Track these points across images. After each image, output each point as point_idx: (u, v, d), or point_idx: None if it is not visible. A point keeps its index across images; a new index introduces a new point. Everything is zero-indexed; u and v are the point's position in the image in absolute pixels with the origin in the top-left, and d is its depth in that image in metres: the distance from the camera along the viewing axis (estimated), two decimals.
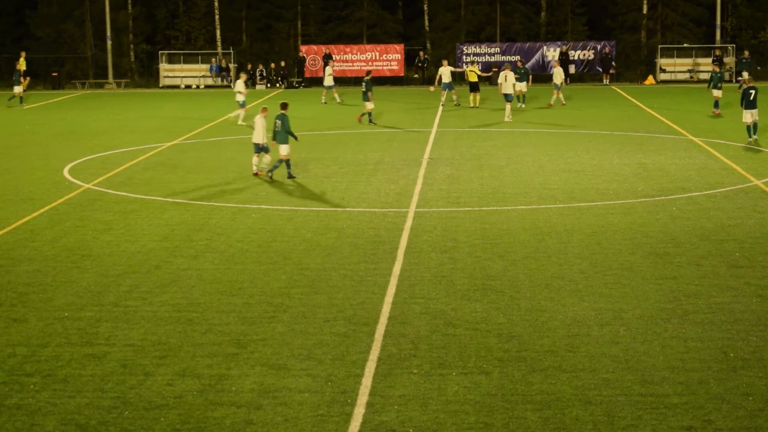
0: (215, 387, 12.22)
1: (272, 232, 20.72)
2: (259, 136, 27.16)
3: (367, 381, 12.32)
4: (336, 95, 49.43)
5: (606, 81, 61.01)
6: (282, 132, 26.76)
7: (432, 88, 48.47)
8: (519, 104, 45.51)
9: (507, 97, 41.29)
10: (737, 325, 14.34)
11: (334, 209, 23.01)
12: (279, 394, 11.97)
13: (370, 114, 40.33)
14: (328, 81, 49.52)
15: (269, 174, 27.00)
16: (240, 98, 40.33)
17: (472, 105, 46.27)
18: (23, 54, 55.11)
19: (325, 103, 49.27)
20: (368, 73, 42.72)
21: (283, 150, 26.79)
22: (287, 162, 27.02)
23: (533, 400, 11.71)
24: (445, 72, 46.50)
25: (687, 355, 13.14)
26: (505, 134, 36.87)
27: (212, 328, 14.46)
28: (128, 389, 12.18)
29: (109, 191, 25.64)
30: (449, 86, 46.74)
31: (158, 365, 12.98)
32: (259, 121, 27.17)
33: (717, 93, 41.83)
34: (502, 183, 26.20)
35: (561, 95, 47.42)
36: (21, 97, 50.72)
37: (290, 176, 26.98)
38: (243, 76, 41.77)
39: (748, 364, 12.77)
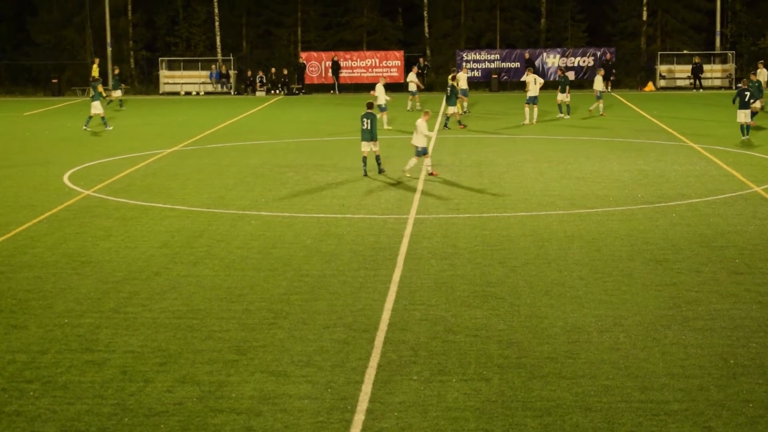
0: (215, 393, 12.22)
1: (272, 238, 20.72)
2: (421, 139, 27.64)
3: (366, 388, 12.31)
4: (410, 102, 48.87)
5: (608, 88, 60.90)
6: (371, 130, 28.07)
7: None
8: (561, 114, 44.74)
9: (533, 100, 41.51)
10: (737, 331, 14.34)
11: (333, 216, 23.01)
12: (279, 401, 11.96)
13: (448, 118, 40.52)
14: (412, 87, 49.28)
15: (382, 170, 28.50)
16: (381, 101, 40.01)
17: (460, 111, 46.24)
18: (96, 60, 55.22)
19: (410, 110, 48.60)
20: (453, 77, 42.73)
21: (375, 146, 28.33)
22: (377, 157, 28.54)
23: (533, 406, 11.70)
24: (462, 78, 46.53)
25: (687, 361, 13.13)
26: (505, 141, 36.89)
27: (212, 335, 14.46)
28: (128, 396, 12.17)
29: (109, 198, 25.64)
30: (465, 92, 46.74)
31: (158, 372, 12.98)
32: (422, 125, 27.59)
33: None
34: (502, 189, 26.21)
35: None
36: (111, 100, 51.93)
37: (381, 171, 28.56)
38: (382, 80, 41.76)
39: (748, 371, 12.76)
